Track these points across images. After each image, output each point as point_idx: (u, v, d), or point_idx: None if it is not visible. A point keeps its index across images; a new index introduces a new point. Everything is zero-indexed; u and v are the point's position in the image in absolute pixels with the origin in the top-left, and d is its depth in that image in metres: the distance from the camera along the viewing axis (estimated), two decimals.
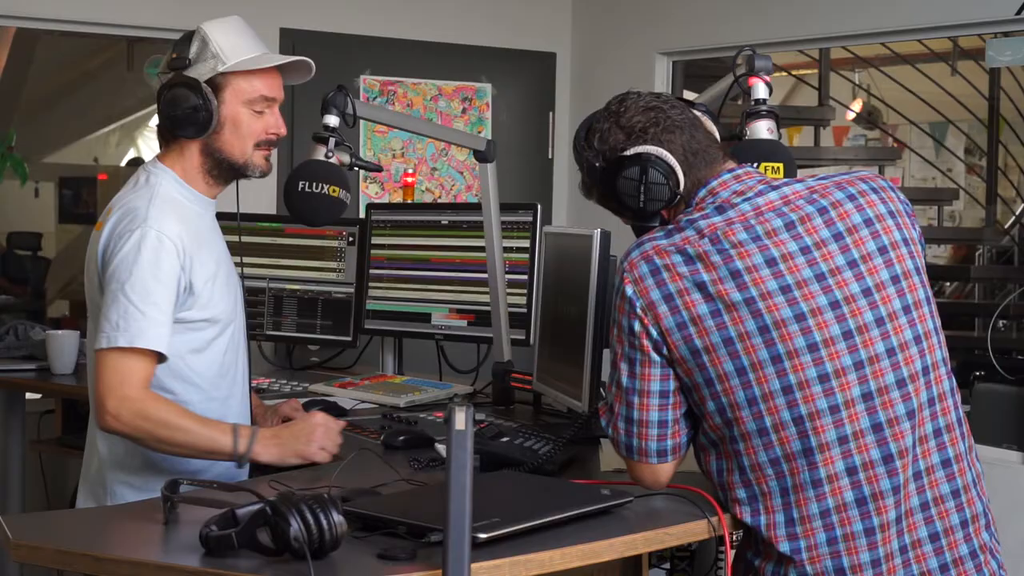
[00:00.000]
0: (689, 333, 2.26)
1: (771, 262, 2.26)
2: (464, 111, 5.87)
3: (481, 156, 3.57)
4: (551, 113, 6.07)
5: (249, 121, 2.78)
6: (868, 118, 10.29)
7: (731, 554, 2.36)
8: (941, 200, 8.41)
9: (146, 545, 2.21)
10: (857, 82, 9.90)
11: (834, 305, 2.25)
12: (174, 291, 2.66)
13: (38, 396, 4.93)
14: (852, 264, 2.28)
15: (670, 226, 2.36)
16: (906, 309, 2.28)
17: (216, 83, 2.73)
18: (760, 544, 2.32)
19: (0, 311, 8.24)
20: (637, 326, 2.30)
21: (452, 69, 5.84)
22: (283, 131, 2.84)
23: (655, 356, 2.30)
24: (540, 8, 6.04)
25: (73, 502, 3.00)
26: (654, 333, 2.29)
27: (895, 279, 2.29)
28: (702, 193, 2.37)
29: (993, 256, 8.01)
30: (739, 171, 2.39)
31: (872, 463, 2.24)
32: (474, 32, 5.84)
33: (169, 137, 2.80)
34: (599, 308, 2.99)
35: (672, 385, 2.32)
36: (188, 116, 2.71)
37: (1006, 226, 8.12)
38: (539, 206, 3.83)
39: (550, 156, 6.07)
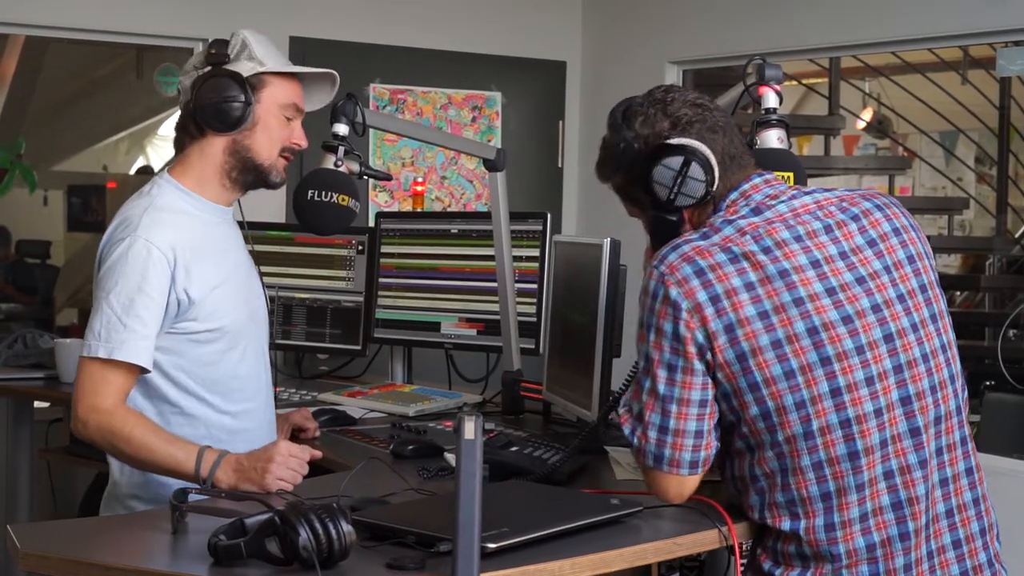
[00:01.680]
0: (736, 336, 2.22)
1: (815, 264, 2.26)
2: (474, 120, 5.87)
3: (491, 165, 3.57)
4: (561, 122, 6.07)
5: (279, 126, 2.78)
6: (878, 127, 10.29)
7: (740, 564, 2.35)
8: (951, 209, 8.41)
9: (154, 554, 2.20)
10: (867, 91, 9.90)
11: (875, 308, 2.26)
12: (161, 304, 2.64)
13: (46, 404, 4.92)
14: (881, 272, 2.30)
15: (703, 229, 2.32)
16: (914, 327, 2.30)
17: (254, 83, 2.74)
18: (780, 554, 2.30)
19: (8, 319, 8.25)
20: (683, 330, 2.24)
21: (462, 77, 5.84)
22: (305, 143, 2.85)
23: (698, 363, 2.24)
24: (550, 17, 6.04)
25: (82, 511, 3.00)
26: (700, 337, 2.23)
27: (901, 298, 2.30)
28: (734, 196, 2.36)
29: (1003, 266, 7.99)
30: (769, 176, 2.39)
31: (908, 467, 2.25)
32: (484, 40, 5.85)
33: (194, 134, 2.77)
34: (609, 317, 2.99)
35: (710, 394, 2.27)
36: (226, 107, 2.70)
37: (1016, 235, 8.11)
38: (549, 215, 3.83)
39: (560, 165, 6.06)
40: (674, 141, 2.35)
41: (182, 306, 2.67)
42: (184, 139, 2.81)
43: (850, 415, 2.22)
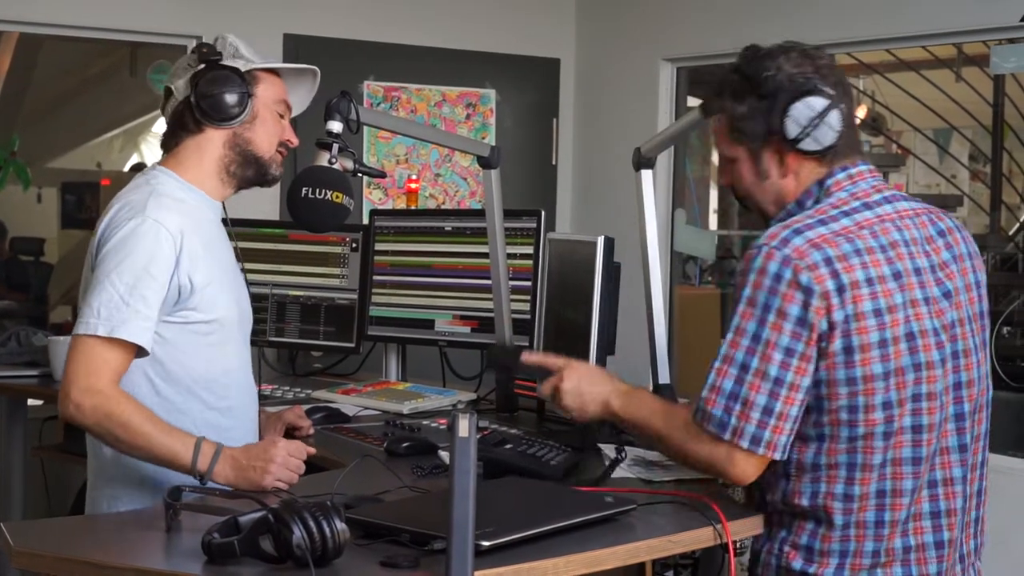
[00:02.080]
0: (850, 328, 2.24)
1: (917, 271, 2.33)
2: (468, 117, 5.87)
3: (485, 162, 3.56)
4: (555, 119, 6.07)
5: (274, 121, 2.83)
6: (872, 124, 10.28)
7: (735, 562, 2.35)
8: (945, 207, 8.39)
9: (148, 552, 2.20)
10: (861, 88, 9.89)
11: (953, 325, 2.35)
12: (164, 285, 2.61)
13: (40, 402, 4.92)
14: (961, 291, 2.38)
15: (818, 216, 2.32)
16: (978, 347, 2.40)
17: (249, 79, 2.78)
18: (816, 551, 2.32)
19: (2, 317, 8.23)
20: (811, 317, 2.23)
21: (456, 75, 5.83)
22: (296, 141, 2.88)
23: (814, 351, 2.24)
24: (544, 14, 6.04)
25: (75, 509, 2.99)
26: (824, 326, 2.23)
27: (970, 319, 2.40)
28: (840, 175, 2.38)
29: (997, 263, 8.00)
30: (872, 167, 2.42)
31: (952, 480, 2.35)
32: (478, 38, 5.84)
33: (191, 129, 2.77)
34: (603, 314, 2.99)
35: (810, 381, 2.27)
36: (228, 99, 2.72)
37: (1010, 233, 8.12)
38: (543, 212, 3.83)
39: (554, 162, 6.06)
40: (822, 87, 2.36)
41: (183, 293, 2.65)
42: (180, 135, 2.80)
43: (923, 422, 2.30)
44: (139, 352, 2.60)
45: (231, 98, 2.73)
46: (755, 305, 2.26)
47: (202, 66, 2.75)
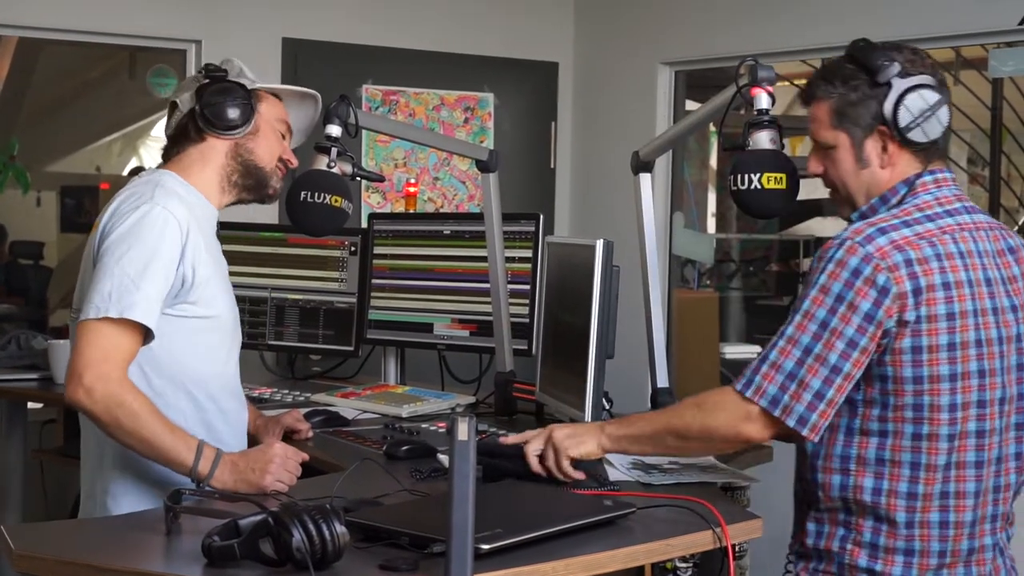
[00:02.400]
0: (920, 329, 2.29)
1: (988, 282, 2.38)
2: (466, 121, 5.87)
3: (483, 166, 3.57)
4: (553, 123, 6.07)
5: (276, 138, 2.87)
6: None
7: (734, 565, 2.36)
8: None
9: (148, 555, 2.21)
10: None
11: (1017, 338, 2.41)
12: (172, 272, 2.62)
13: (40, 406, 4.92)
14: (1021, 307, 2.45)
15: (903, 217, 2.37)
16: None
17: (253, 95, 2.84)
18: (882, 548, 2.37)
19: (2, 320, 8.23)
20: (881, 315, 2.29)
21: (454, 79, 5.84)
22: (295, 162, 2.92)
23: (875, 346, 2.30)
24: (542, 18, 6.04)
25: (75, 512, 2.99)
26: (891, 325, 2.29)
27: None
28: (927, 178, 2.44)
29: None
30: (952, 175, 2.48)
31: (1008, 486, 2.44)
32: (476, 42, 5.85)
33: (194, 138, 2.81)
34: (602, 318, 2.99)
35: (861, 376, 2.34)
36: (232, 109, 2.78)
37: None
38: (541, 216, 3.84)
39: (552, 166, 6.07)
40: (934, 84, 2.44)
41: (185, 284, 2.66)
42: (183, 144, 2.82)
43: (985, 428, 2.37)
44: (145, 338, 2.59)
45: (235, 109, 2.78)
46: (828, 293, 2.31)
47: (207, 81, 2.80)
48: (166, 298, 2.63)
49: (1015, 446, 2.43)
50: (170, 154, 2.85)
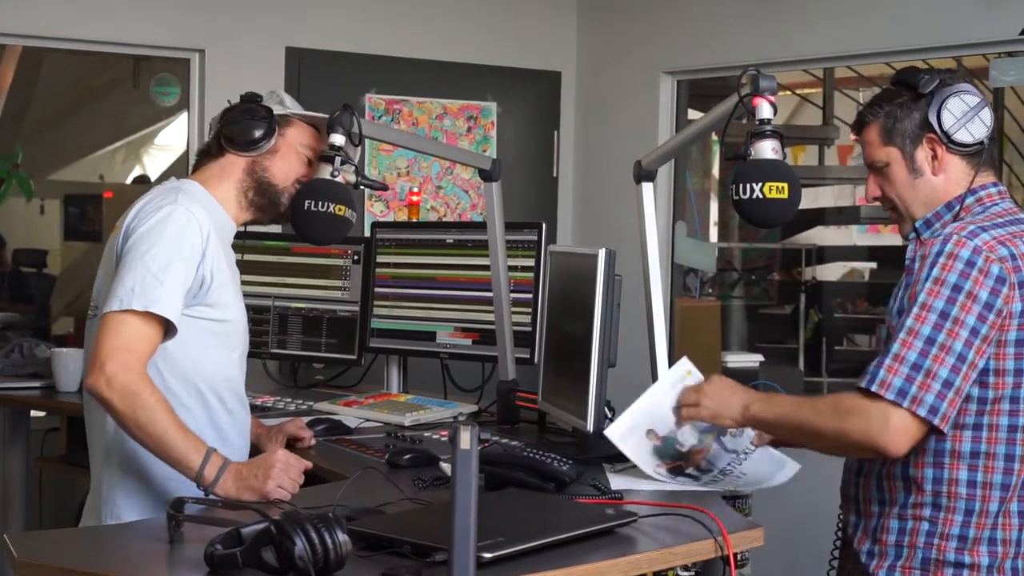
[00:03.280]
0: (1021, 323, 2.37)
1: None
2: (469, 130, 5.88)
3: (486, 175, 3.57)
4: (556, 132, 6.08)
5: (298, 160, 2.96)
6: None
7: (735, 573, 2.36)
8: None
9: (151, 564, 2.21)
10: (861, 101, 9.91)
11: None
12: (192, 271, 2.68)
13: (43, 414, 4.93)
14: None
15: (988, 221, 2.46)
16: None
17: (281, 120, 2.93)
18: (971, 542, 2.42)
19: (5, 328, 8.23)
20: (1000, 303, 2.36)
21: (457, 88, 5.85)
22: None
23: (995, 335, 2.36)
24: (545, 27, 6.05)
25: (78, 521, 2.99)
26: (1005, 313, 2.36)
27: None
28: (992, 190, 2.54)
29: None
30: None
31: None
32: (479, 51, 5.86)
33: (214, 154, 2.91)
34: (604, 327, 3.00)
35: (983, 364, 2.38)
36: (251, 126, 2.87)
37: None
38: (544, 225, 3.84)
39: (555, 175, 6.07)
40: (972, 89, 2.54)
41: (203, 286, 2.71)
42: (205, 159, 2.93)
43: None
44: (166, 334, 2.62)
45: (254, 128, 2.88)
46: (944, 285, 2.36)
47: (239, 103, 2.91)
48: (185, 296, 2.67)
49: None
50: (196, 167, 2.95)
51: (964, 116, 2.49)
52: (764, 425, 2.64)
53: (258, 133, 2.88)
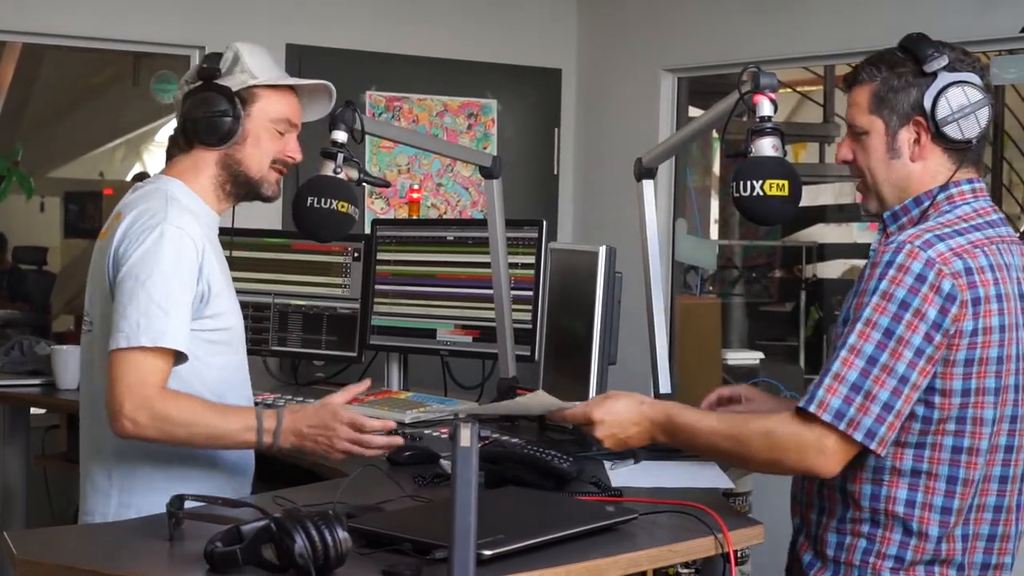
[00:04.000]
0: (975, 341, 2.25)
1: (1021, 296, 2.34)
2: (470, 127, 5.88)
3: (487, 172, 3.57)
4: (556, 129, 6.08)
5: (270, 138, 2.78)
6: None
7: (736, 571, 2.36)
8: None
9: (151, 561, 2.21)
10: None
11: None
12: (193, 291, 2.62)
13: (43, 411, 4.92)
14: None
15: (952, 226, 2.32)
16: None
17: (245, 96, 2.74)
18: (908, 564, 2.33)
19: (5, 326, 8.24)
20: (948, 323, 2.22)
21: (458, 85, 5.85)
22: (298, 157, 2.84)
23: (940, 355, 2.24)
24: (546, 25, 6.05)
25: (76, 518, 2.98)
26: (952, 332, 2.23)
27: None
28: (966, 188, 2.39)
29: None
30: (984, 184, 2.44)
31: (1013, 508, 2.39)
32: (480, 48, 5.86)
33: (183, 147, 2.78)
34: (605, 324, 2.99)
35: (926, 384, 2.27)
36: (215, 122, 2.70)
37: None
38: (544, 222, 3.84)
39: (555, 172, 6.07)
40: (979, 83, 2.38)
41: (204, 299, 2.67)
42: (175, 151, 2.81)
43: (1014, 443, 2.34)
44: (177, 359, 2.60)
45: (217, 120, 2.71)
46: (892, 300, 2.23)
47: (199, 83, 2.74)
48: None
49: None
50: (170, 156, 2.83)
51: (961, 110, 2.34)
52: (683, 445, 2.53)
53: (222, 128, 2.71)
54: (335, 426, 2.60)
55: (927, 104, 2.36)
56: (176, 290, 2.58)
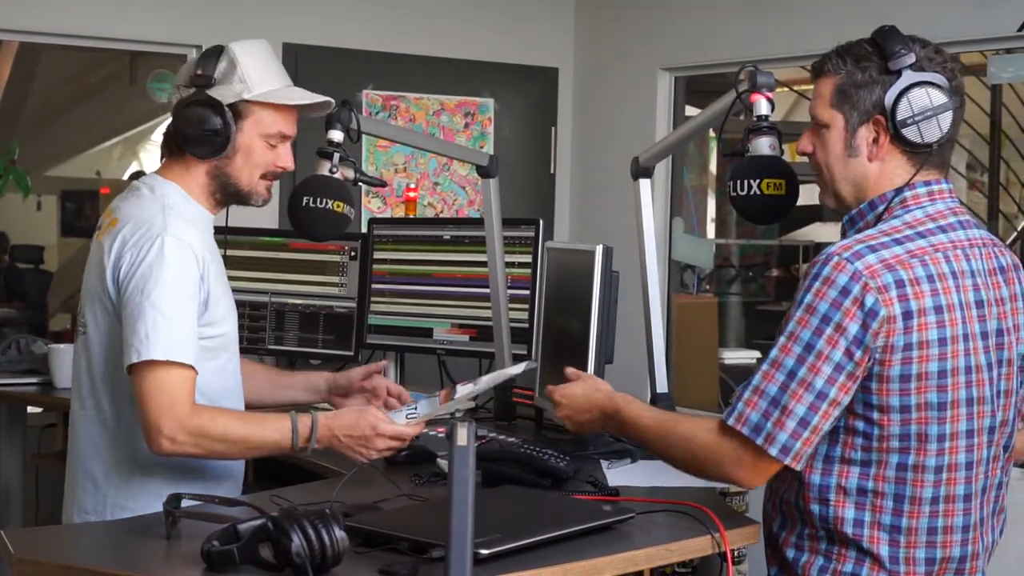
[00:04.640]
0: (910, 356, 2.18)
1: (979, 304, 2.26)
2: (466, 126, 5.87)
3: (483, 171, 3.57)
4: (553, 128, 6.07)
5: (262, 152, 2.74)
6: None
7: (732, 570, 2.36)
8: None
9: (148, 560, 2.21)
10: None
11: (999, 364, 2.30)
12: (196, 301, 2.62)
13: (40, 410, 4.92)
14: (1011, 331, 2.33)
15: (894, 235, 2.24)
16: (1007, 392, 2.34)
17: (238, 109, 2.69)
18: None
19: (2, 325, 8.24)
20: (868, 339, 2.15)
21: (454, 84, 5.84)
22: (290, 167, 2.80)
23: (861, 372, 2.18)
24: (543, 23, 6.05)
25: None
26: (878, 349, 2.16)
27: (1010, 361, 2.34)
28: (921, 189, 2.30)
29: None
30: (950, 186, 2.35)
31: (983, 521, 2.33)
32: (477, 47, 5.85)
33: (176, 152, 2.76)
34: (601, 323, 3.00)
35: (849, 401, 2.21)
36: (205, 137, 2.66)
37: (1008, 242, 8.13)
38: (541, 221, 3.84)
39: (552, 171, 6.07)
40: (946, 85, 2.29)
41: (205, 308, 2.66)
42: (170, 153, 2.79)
43: (973, 459, 2.26)
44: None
45: (207, 136, 2.66)
46: (814, 314, 2.18)
47: (192, 89, 2.70)
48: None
49: (1000, 476, 2.35)
50: (164, 154, 2.81)
51: (922, 113, 2.25)
52: (623, 427, 2.51)
53: (212, 144, 2.67)
54: (374, 439, 2.64)
55: (888, 103, 2.28)
56: (181, 302, 2.58)
